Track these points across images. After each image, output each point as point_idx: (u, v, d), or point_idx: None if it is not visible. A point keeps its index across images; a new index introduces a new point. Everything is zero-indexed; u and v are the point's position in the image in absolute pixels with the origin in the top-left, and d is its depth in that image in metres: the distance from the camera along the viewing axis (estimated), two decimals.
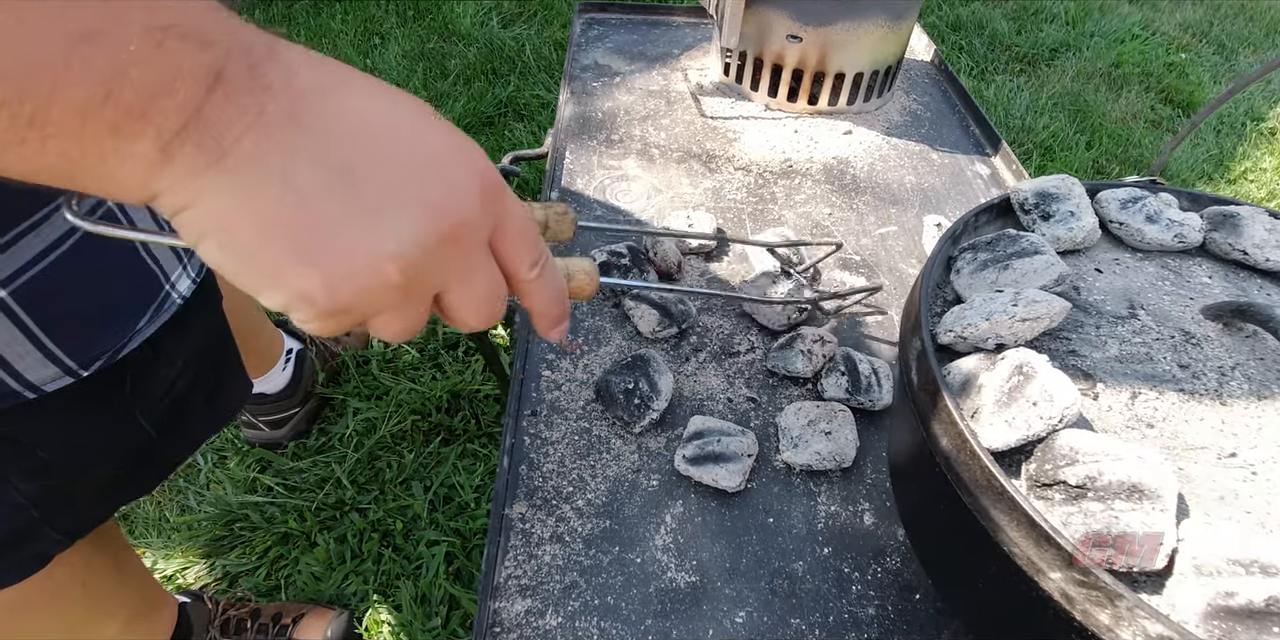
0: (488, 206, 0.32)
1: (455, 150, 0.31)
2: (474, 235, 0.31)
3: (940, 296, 0.54)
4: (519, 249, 0.35)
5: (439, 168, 0.30)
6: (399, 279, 0.29)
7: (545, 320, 0.39)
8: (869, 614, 0.59)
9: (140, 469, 0.67)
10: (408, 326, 0.33)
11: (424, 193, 0.29)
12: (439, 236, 0.30)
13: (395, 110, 0.30)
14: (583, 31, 1.33)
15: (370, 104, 0.29)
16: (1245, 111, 2.42)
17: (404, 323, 0.32)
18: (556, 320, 0.39)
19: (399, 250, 0.29)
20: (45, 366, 0.53)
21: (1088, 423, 0.45)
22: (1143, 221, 0.57)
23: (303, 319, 0.30)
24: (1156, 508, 0.38)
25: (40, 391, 0.53)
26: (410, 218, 0.29)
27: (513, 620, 0.57)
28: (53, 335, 0.52)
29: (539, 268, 0.36)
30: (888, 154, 1.07)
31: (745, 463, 0.65)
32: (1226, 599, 0.35)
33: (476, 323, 0.35)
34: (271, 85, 0.26)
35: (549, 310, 0.38)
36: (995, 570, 0.42)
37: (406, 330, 0.33)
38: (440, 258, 0.30)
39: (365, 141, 0.28)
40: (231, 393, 0.77)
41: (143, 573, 0.90)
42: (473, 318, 0.34)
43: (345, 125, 0.28)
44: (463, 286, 0.33)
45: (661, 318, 0.76)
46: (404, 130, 0.30)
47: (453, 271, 0.32)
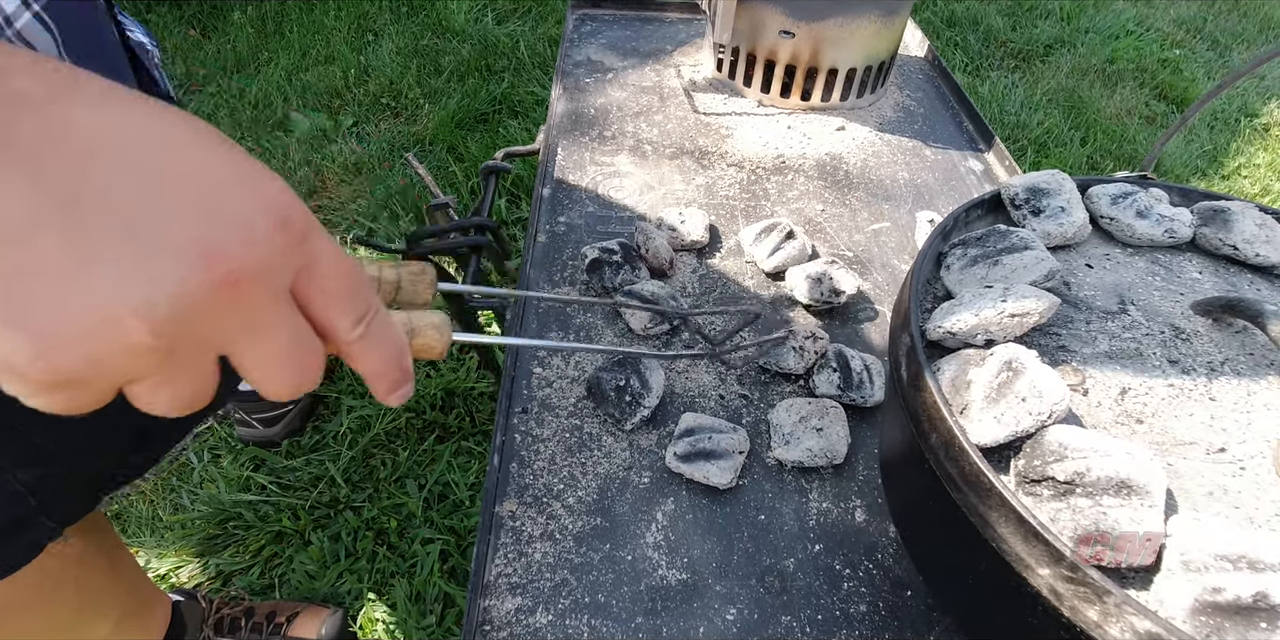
0: (285, 247, 0.26)
1: (241, 178, 0.25)
2: (261, 282, 0.25)
3: (930, 292, 0.54)
4: (337, 299, 0.28)
5: (214, 199, 0.24)
6: (149, 340, 0.23)
7: (381, 384, 0.32)
8: (860, 611, 0.59)
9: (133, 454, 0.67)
10: (180, 395, 0.27)
11: (188, 229, 0.24)
12: (208, 284, 0.24)
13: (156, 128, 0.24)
14: (576, 27, 1.32)
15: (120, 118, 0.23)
16: (1239, 108, 2.42)
17: (174, 391, 0.26)
18: (395, 384, 0.33)
19: (147, 303, 0.23)
20: None
21: (1077, 418, 0.45)
22: (1133, 217, 0.57)
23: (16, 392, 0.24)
24: (1145, 503, 0.37)
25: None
26: (166, 261, 0.23)
27: (503, 618, 0.57)
28: None
29: (364, 324, 0.30)
30: (881, 150, 1.06)
31: (736, 460, 0.65)
32: (1214, 595, 0.35)
33: (278, 388, 0.28)
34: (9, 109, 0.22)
35: (384, 373, 0.32)
36: (985, 566, 0.42)
37: (180, 400, 0.27)
38: (213, 310, 0.24)
39: (106, 164, 0.23)
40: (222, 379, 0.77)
41: (136, 571, 0.89)
42: (272, 382, 0.28)
43: (78, 144, 0.22)
44: (253, 345, 0.27)
45: (653, 315, 0.76)
46: (167, 152, 0.24)
47: (235, 327, 0.26)
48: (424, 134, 2.02)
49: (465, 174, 1.86)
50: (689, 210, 0.89)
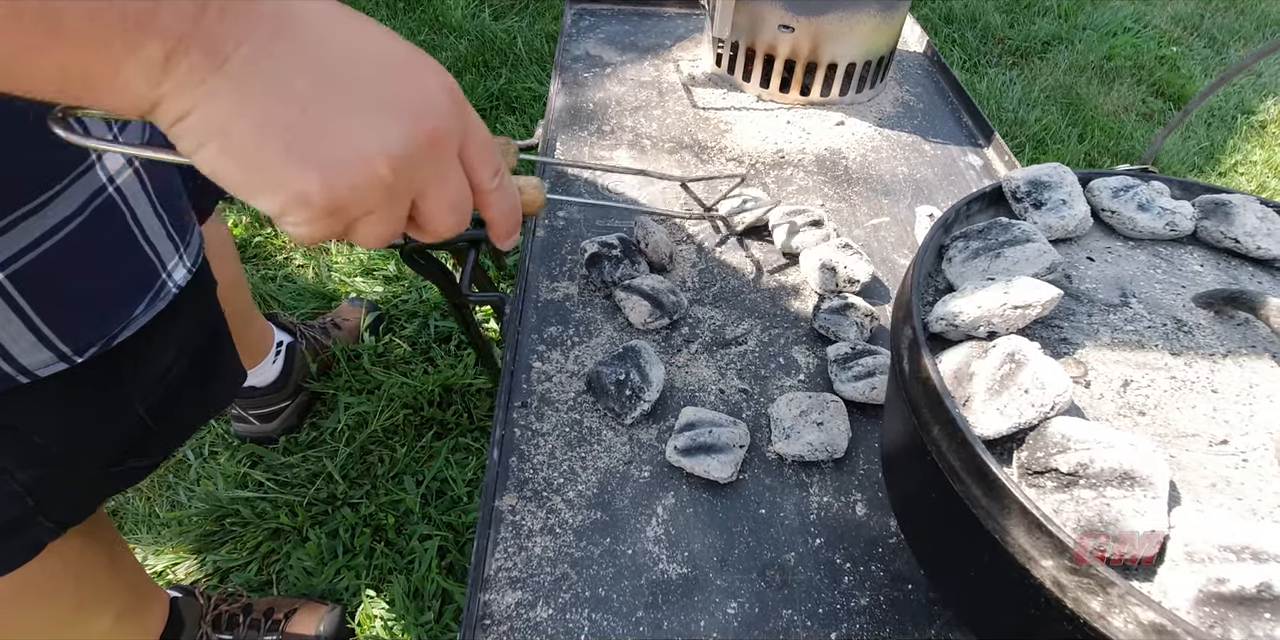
0: (459, 115, 0.34)
1: (426, 64, 0.34)
2: (449, 140, 0.34)
3: (932, 285, 0.54)
4: (483, 159, 0.37)
5: (414, 78, 0.33)
6: (389, 176, 0.32)
7: (501, 229, 0.42)
8: (861, 605, 0.59)
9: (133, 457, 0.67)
10: (388, 230, 0.35)
11: (406, 99, 0.32)
12: (421, 139, 0.32)
13: (368, 28, 0.32)
14: (574, 22, 1.32)
15: (347, 21, 0.32)
16: (1235, 105, 2.43)
17: (386, 226, 0.34)
18: (511, 230, 0.43)
19: (387, 148, 0.31)
20: (39, 351, 0.52)
21: (1079, 410, 0.45)
22: (1135, 210, 0.56)
23: (297, 221, 0.32)
24: (1148, 495, 0.37)
25: (33, 376, 0.53)
26: (396, 119, 0.31)
27: (503, 612, 0.57)
28: (48, 320, 0.52)
29: (498, 178, 0.38)
30: (880, 145, 1.06)
31: (737, 454, 0.65)
32: (1218, 585, 0.35)
33: (446, 227, 0.37)
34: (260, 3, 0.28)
35: (506, 219, 0.41)
36: (987, 559, 0.42)
37: (386, 235, 0.35)
38: (422, 160, 0.33)
39: (349, 52, 0.31)
40: (225, 381, 0.76)
41: (135, 568, 0.89)
42: (444, 222, 0.37)
43: (329, 38, 0.30)
44: (438, 190, 0.35)
45: (653, 309, 0.76)
46: (379, 45, 0.32)
47: (431, 175, 0.34)
48: None
49: None
50: (749, 190, 0.92)
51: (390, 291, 1.58)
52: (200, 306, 0.70)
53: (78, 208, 0.52)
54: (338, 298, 1.57)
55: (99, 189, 0.53)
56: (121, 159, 0.55)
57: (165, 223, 0.61)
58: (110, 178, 0.54)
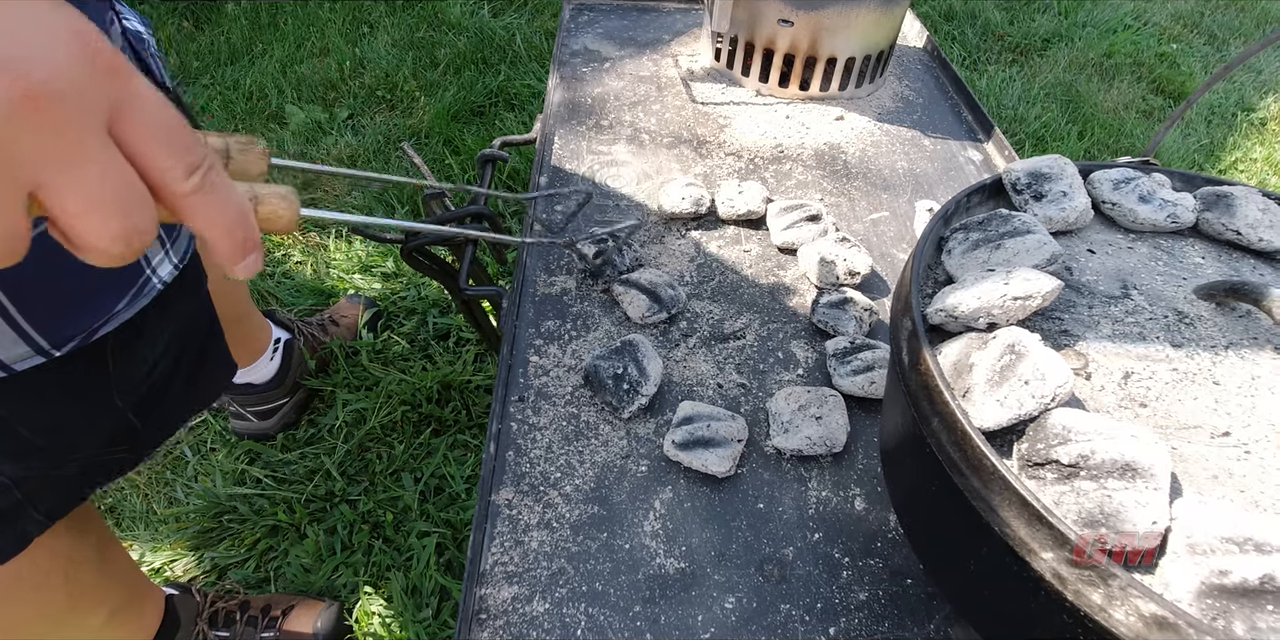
0: (91, 74, 0.24)
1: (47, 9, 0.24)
2: (67, 106, 0.24)
3: (931, 277, 0.54)
4: (162, 145, 0.26)
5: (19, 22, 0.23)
6: None
7: (225, 245, 0.29)
8: (860, 599, 0.58)
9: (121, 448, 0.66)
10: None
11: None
12: (8, 98, 0.22)
13: None
14: (572, 17, 1.31)
15: None
16: (1235, 102, 2.42)
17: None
18: (240, 248, 0.29)
19: None
20: (16, 345, 0.52)
21: (1080, 402, 0.44)
22: (1135, 202, 0.56)
23: None
24: (1150, 486, 0.37)
25: (10, 370, 0.52)
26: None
27: (499, 607, 0.56)
28: (26, 313, 0.51)
29: (199, 175, 0.27)
30: (879, 139, 1.06)
31: (735, 448, 0.64)
32: (1220, 577, 0.34)
33: (99, 237, 0.25)
34: None
35: (227, 234, 0.29)
36: (987, 552, 0.41)
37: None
38: (18, 130, 0.23)
39: None
40: (214, 375, 0.76)
41: (128, 564, 0.89)
42: (90, 225, 0.25)
43: None
44: (68, 183, 0.24)
45: (651, 303, 0.76)
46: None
47: (45, 156, 0.24)
48: (420, 127, 2.01)
49: (461, 167, 1.85)
50: (746, 183, 0.90)
51: (389, 288, 1.57)
52: (189, 302, 0.70)
53: None
54: (336, 294, 1.57)
55: None
56: None
57: None
58: None
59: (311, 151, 1.93)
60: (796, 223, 0.85)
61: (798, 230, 0.85)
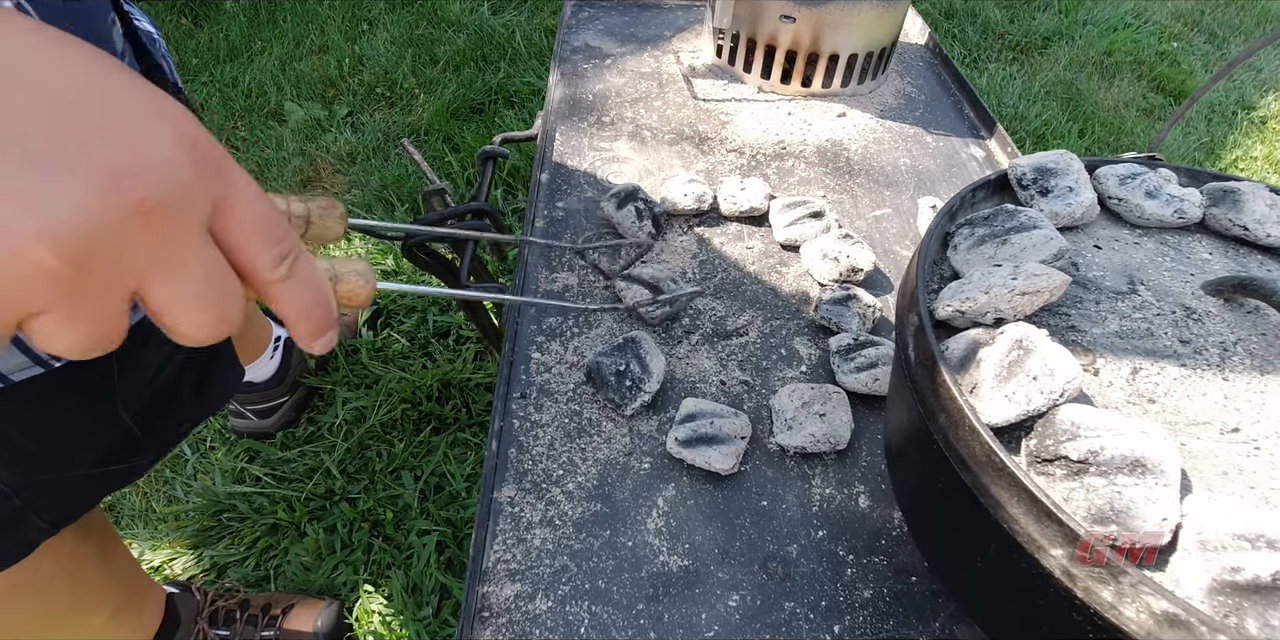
0: (199, 176, 0.25)
1: (147, 106, 0.24)
2: (177, 212, 0.24)
3: (937, 273, 0.53)
4: (258, 238, 0.27)
5: (121, 124, 0.23)
6: (54, 263, 0.22)
7: (304, 327, 0.30)
8: (864, 597, 0.58)
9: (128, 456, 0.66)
10: (88, 334, 0.24)
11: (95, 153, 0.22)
12: (119, 209, 0.22)
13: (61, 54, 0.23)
14: (573, 13, 1.31)
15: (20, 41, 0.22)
16: (1236, 100, 2.42)
17: (81, 330, 0.24)
18: (320, 328, 0.31)
19: (52, 225, 0.21)
20: (13, 355, 0.51)
21: (1088, 398, 0.44)
22: (1142, 197, 0.56)
23: None
24: (1160, 483, 0.37)
25: (8, 381, 0.52)
26: (73, 185, 0.22)
27: (501, 605, 0.56)
28: None
29: (286, 263, 0.28)
30: (882, 136, 1.05)
31: (738, 445, 0.64)
32: (1232, 574, 0.34)
33: (194, 330, 0.26)
34: None
35: (308, 315, 0.30)
36: (994, 549, 0.41)
37: (86, 340, 0.24)
38: (125, 240, 0.23)
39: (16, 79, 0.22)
40: (222, 381, 0.75)
41: (130, 563, 0.88)
42: (188, 324, 0.26)
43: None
44: (168, 282, 0.25)
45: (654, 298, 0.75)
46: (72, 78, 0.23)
47: (151, 260, 0.24)
48: (419, 124, 2.00)
49: (461, 164, 1.84)
50: (749, 180, 0.90)
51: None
52: None
53: None
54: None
55: None
56: None
57: None
58: None
59: (310, 148, 1.93)
60: (799, 219, 0.85)
61: (800, 227, 0.84)
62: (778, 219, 0.86)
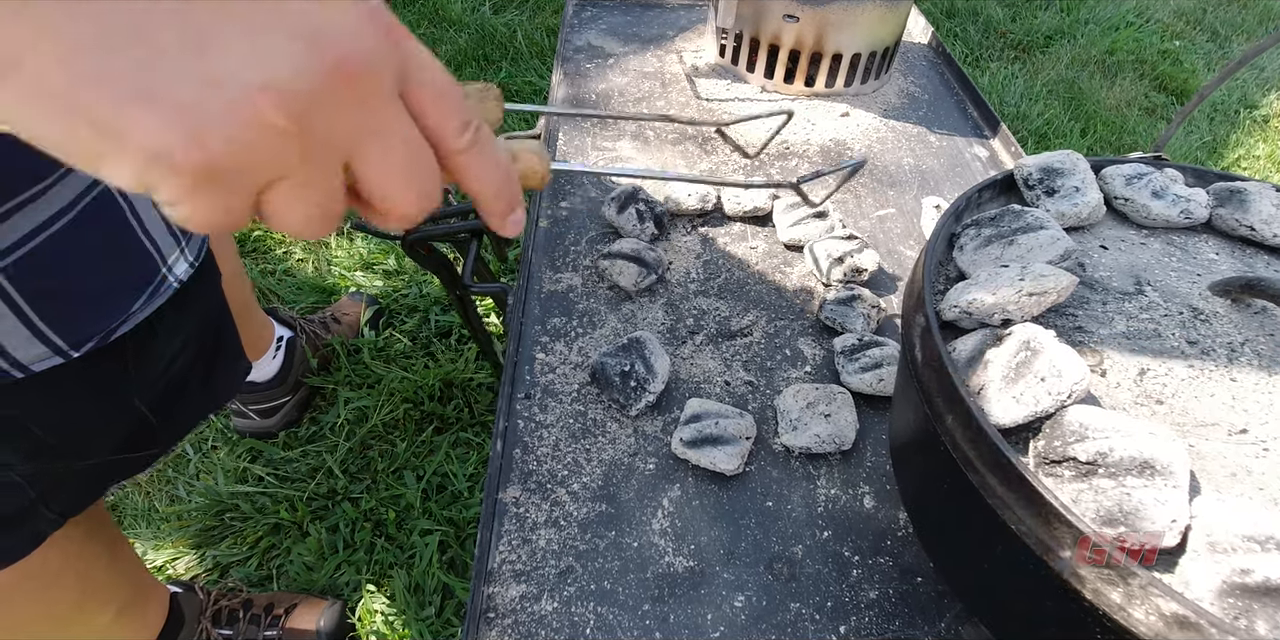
0: (387, 43, 0.25)
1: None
2: (375, 76, 0.24)
3: (943, 273, 0.53)
4: (444, 107, 0.27)
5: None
6: (283, 122, 0.22)
7: (493, 204, 0.31)
8: (870, 598, 0.58)
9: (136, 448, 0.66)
10: (316, 204, 0.25)
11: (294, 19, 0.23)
12: (325, 69, 0.23)
13: None
14: (575, 13, 1.30)
15: None
16: (1239, 99, 2.42)
17: (311, 197, 0.25)
18: (506, 206, 0.31)
19: (273, 80, 0.22)
20: (34, 345, 0.51)
21: (1095, 399, 0.44)
22: (1149, 197, 0.56)
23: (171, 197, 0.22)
24: (1169, 484, 0.37)
25: (28, 371, 0.52)
26: (281, 46, 0.22)
27: (507, 605, 0.56)
28: (43, 315, 0.51)
29: (470, 132, 0.28)
30: (885, 136, 1.05)
31: (743, 445, 0.64)
32: (1242, 576, 0.34)
33: (405, 202, 0.27)
34: None
35: (498, 191, 0.30)
36: (1002, 550, 0.41)
37: (316, 213, 0.25)
38: (334, 101, 0.23)
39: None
40: (229, 374, 0.75)
41: (136, 563, 0.88)
42: (399, 193, 0.27)
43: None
44: (379, 148, 0.25)
45: (640, 268, 0.77)
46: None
47: (358, 126, 0.25)
48: None
49: None
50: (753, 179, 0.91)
51: (390, 286, 1.57)
52: (205, 300, 0.69)
53: (69, 202, 0.51)
54: (337, 292, 1.56)
55: (92, 182, 0.52)
56: None
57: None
58: None
59: None
60: (803, 220, 0.85)
61: (804, 227, 0.84)
62: (781, 219, 0.86)
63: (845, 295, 0.76)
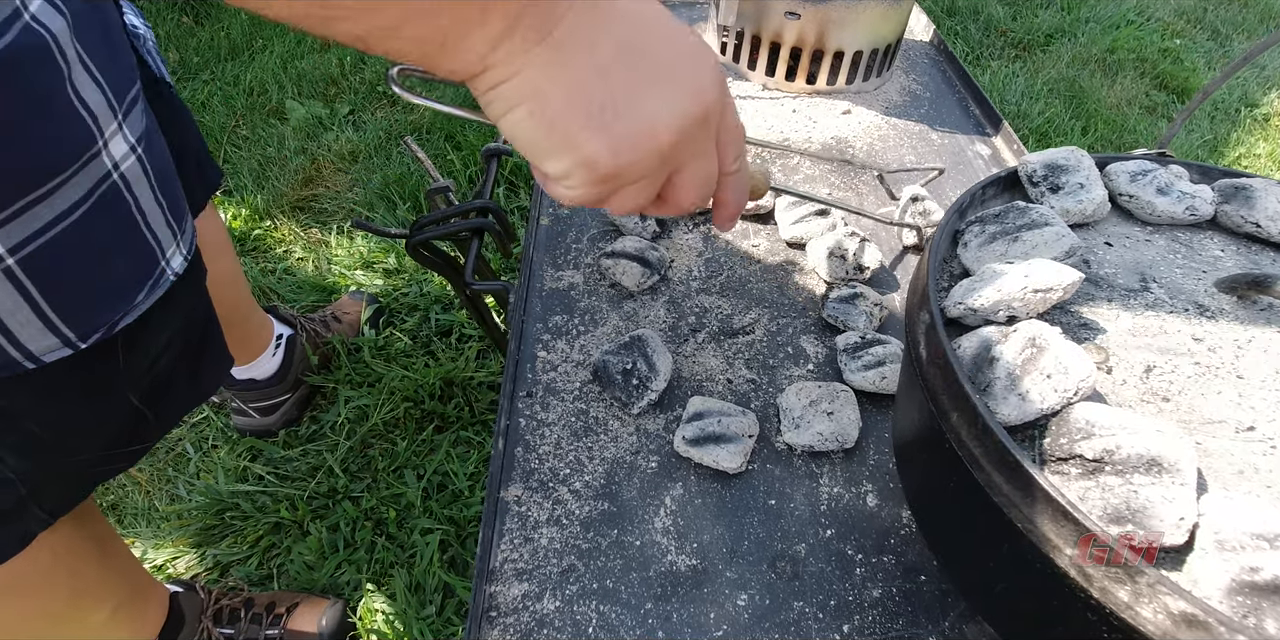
0: (723, 96, 0.37)
1: (704, 46, 0.36)
2: (714, 120, 0.37)
3: (947, 270, 0.53)
4: (733, 141, 0.40)
5: (696, 57, 0.35)
6: (667, 148, 0.35)
7: (728, 210, 0.45)
8: (873, 596, 0.58)
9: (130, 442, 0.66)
10: (644, 199, 0.38)
11: (689, 76, 0.35)
12: (698, 114, 0.35)
13: (659, 9, 0.35)
14: None
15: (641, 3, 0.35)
16: (1239, 98, 2.41)
17: (645, 194, 0.37)
18: (735, 213, 0.46)
19: (672, 121, 0.34)
20: (45, 336, 0.51)
21: (1101, 397, 0.44)
22: (1153, 194, 0.55)
23: (574, 184, 0.35)
24: (1176, 481, 0.36)
25: (39, 362, 0.52)
26: (680, 95, 0.34)
27: (509, 604, 0.56)
28: (54, 305, 0.51)
29: (739, 160, 0.41)
30: (887, 134, 1.05)
31: (746, 443, 0.64)
32: (1251, 574, 0.34)
33: (691, 202, 0.40)
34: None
35: (735, 202, 0.44)
36: (1007, 549, 0.41)
37: (642, 203, 0.38)
38: (692, 135, 0.35)
39: (646, 28, 0.34)
40: (214, 367, 0.75)
41: (130, 561, 0.88)
42: (692, 196, 0.40)
43: (630, 12, 0.33)
44: (695, 165, 0.38)
45: (643, 268, 0.77)
46: (669, 24, 0.35)
47: (694, 150, 0.37)
48: (421, 123, 2.00)
49: (464, 163, 1.84)
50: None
51: (390, 284, 1.57)
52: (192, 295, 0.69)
53: (84, 194, 0.51)
54: (338, 291, 1.56)
55: (104, 176, 0.52)
56: (126, 146, 0.54)
57: (165, 210, 0.60)
58: (115, 165, 0.53)
59: (312, 147, 1.92)
60: (805, 217, 0.84)
61: (806, 225, 0.84)
62: (783, 217, 0.86)
63: (847, 293, 0.76)
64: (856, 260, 0.79)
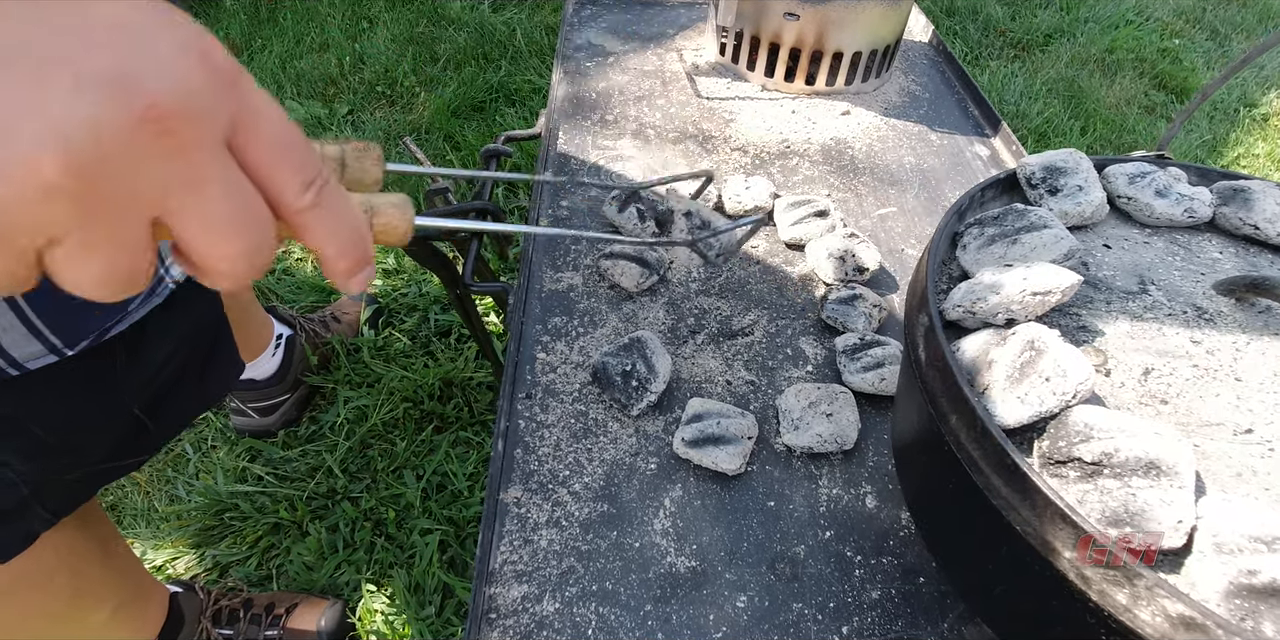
0: (212, 87, 0.23)
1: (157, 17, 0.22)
2: (192, 122, 0.22)
3: (946, 272, 0.53)
4: (280, 158, 0.25)
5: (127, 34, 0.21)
6: (64, 180, 0.20)
7: (341, 263, 0.28)
8: (872, 598, 0.58)
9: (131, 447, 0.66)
10: (111, 265, 0.22)
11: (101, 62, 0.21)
12: (128, 116, 0.21)
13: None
14: (575, 11, 1.30)
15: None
16: (1238, 97, 2.41)
17: (103, 258, 0.22)
18: (356, 264, 0.28)
19: (58, 135, 0.20)
20: (30, 343, 0.51)
21: (1100, 399, 0.44)
22: (1152, 196, 0.55)
23: None
24: (1174, 484, 0.36)
25: (23, 368, 0.52)
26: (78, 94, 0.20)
27: (509, 606, 0.56)
28: (40, 312, 0.51)
29: (314, 190, 0.26)
30: (886, 134, 1.05)
31: (745, 445, 0.64)
32: (1249, 577, 0.34)
33: (231, 264, 0.24)
34: None
35: (341, 251, 0.28)
36: (1006, 551, 0.41)
37: (111, 273, 0.23)
38: (138, 152, 0.21)
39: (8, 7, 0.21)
40: (223, 372, 0.75)
41: (131, 561, 0.88)
42: (221, 255, 0.24)
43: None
44: (192, 205, 0.23)
45: (642, 269, 0.77)
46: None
47: (169, 177, 0.22)
48: (420, 123, 2.00)
49: (463, 163, 1.84)
50: (753, 178, 0.90)
51: (390, 285, 1.57)
52: (199, 301, 0.69)
53: None
54: (337, 291, 1.56)
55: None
56: None
57: None
58: None
59: None
60: (804, 218, 0.84)
61: (805, 226, 0.84)
62: (782, 218, 0.86)
63: (846, 294, 0.76)
64: (856, 261, 0.79)
